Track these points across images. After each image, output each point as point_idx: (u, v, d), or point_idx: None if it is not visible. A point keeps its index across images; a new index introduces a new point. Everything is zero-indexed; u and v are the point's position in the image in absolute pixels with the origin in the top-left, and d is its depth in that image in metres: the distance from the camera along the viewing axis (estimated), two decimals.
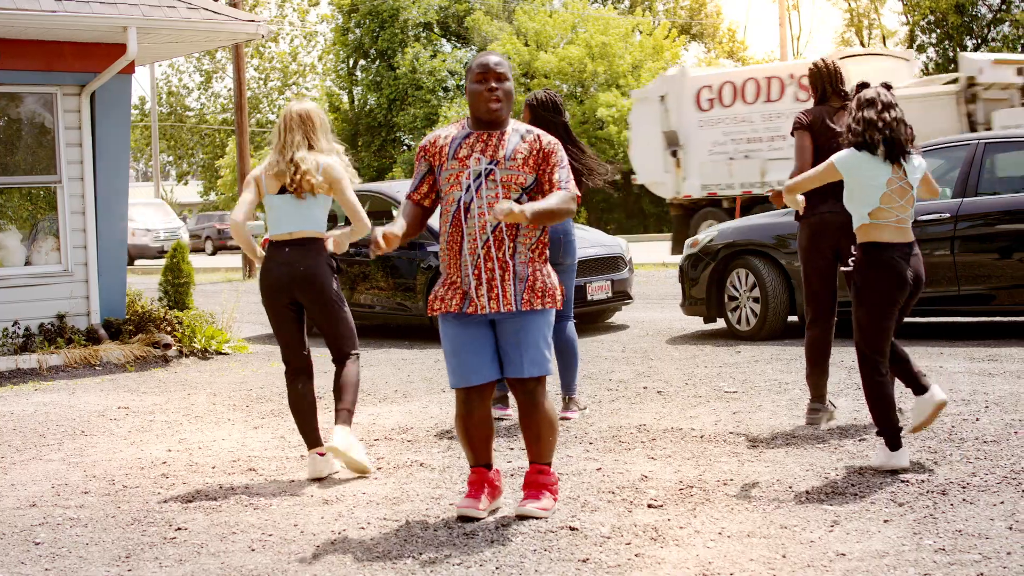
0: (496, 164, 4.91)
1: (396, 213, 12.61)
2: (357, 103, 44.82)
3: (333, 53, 47.67)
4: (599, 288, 11.97)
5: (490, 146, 4.95)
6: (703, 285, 11.02)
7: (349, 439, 5.91)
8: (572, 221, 7.40)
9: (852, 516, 4.79)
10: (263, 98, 57.40)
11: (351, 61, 45.54)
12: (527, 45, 39.53)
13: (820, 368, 6.69)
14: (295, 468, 6.28)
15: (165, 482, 6.10)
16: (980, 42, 36.82)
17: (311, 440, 6.14)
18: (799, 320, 10.37)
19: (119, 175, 11.40)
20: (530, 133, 5.02)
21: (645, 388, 8.33)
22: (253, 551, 4.73)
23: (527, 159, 4.94)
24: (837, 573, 4.11)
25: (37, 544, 4.99)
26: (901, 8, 39.72)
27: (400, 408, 8.03)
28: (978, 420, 6.53)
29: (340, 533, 4.93)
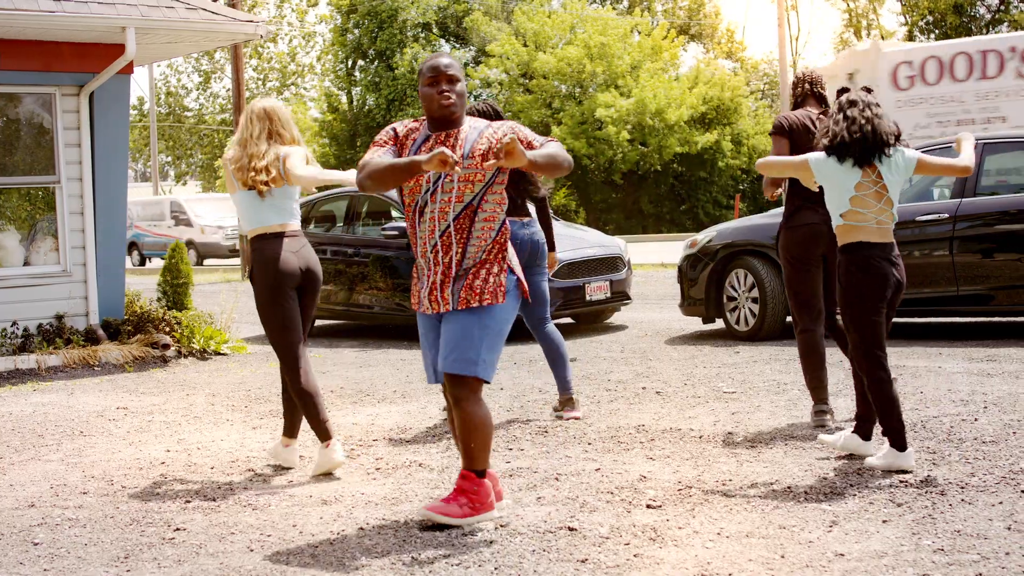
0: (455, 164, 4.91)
1: (393, 215, 12.60)
2: (356, 103, 44.77)
3: (332, 53, 47.61)
4: (598, 288, 11.97)
5: (447, 147, 4.96)
6: (702, 285, 11.02)
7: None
8: (539, 225, 7.45)
9: (851, 516, 4.80)
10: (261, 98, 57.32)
11: (350, 61, 45.50)
12: (526, 45, 39.48)
13: (819, 370, 6.68)
14: (294, 468, 6.27)
15: (164, 482, 6.10)
16: None
17: (323, 432, 6.07)
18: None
19: (118, 175, 11.40)
20: (488, 128, 5.04)
21: (644, 388, 8.33)
22: (252, 551, 4.73)
23: (486, 154, 4.95)
24: (836, 573, 4.11)
25: (36, 544, 4.99)
26: (900, 8, 39.72)
27: (399, 408, 8.03)
28: (977, 420, 6.53)
29: (339, 533, 4.93)
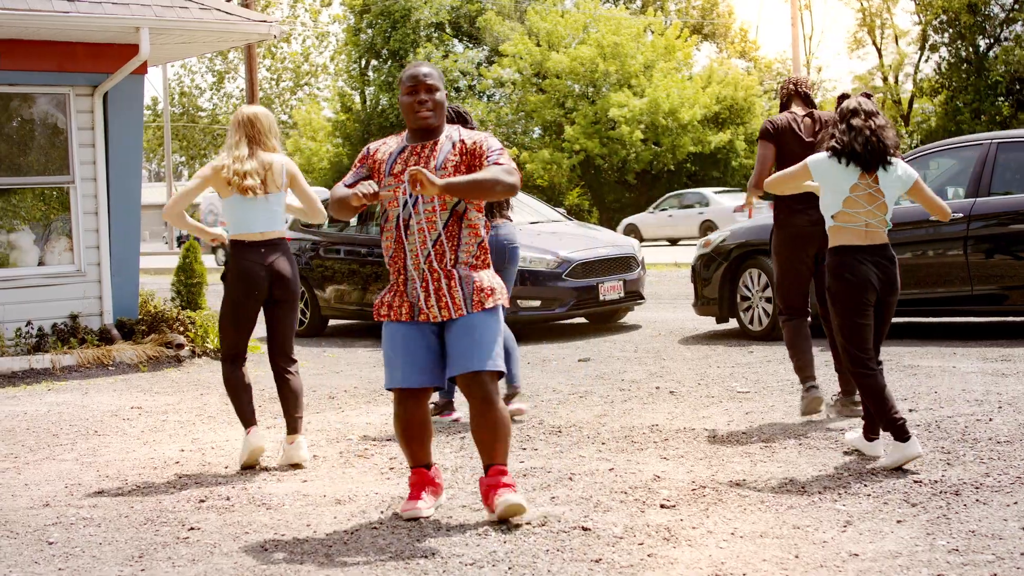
0: None
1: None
2: (369, 103, 44.84)
3: (345, 53, 47.72)
4: (611, 288, 11.97)
5: (422, 158, 5.00)
6: (715, 285, 11.01)
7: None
8: (516, 229, 7.45)
9: (865, 516, 4.79)
10: (275, 98, 57.55)
11: (363, 61, 45.58)
12: (539, 45, 39.49)
13: (804, 352, 6.86)
14: (308, 468, 6.29)
15: (178, 482, 6.12)
16: (993, 41, 36.65)
17: (249, 419, 6.35)
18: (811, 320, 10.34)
19: (132, 175, 11.43)
20: (458, 136, 5.07)
21: (657, 388, 8.32)
22: (266, 551, 4.74)
23: (458, 165, 4.97)
24: (850, 573, 4.11)
25: (50, 544, 5.00)
26: (913, 7, 39.56)
27: None
28: (991, 420, 6.51)
29: (353, 533, 4.94)
